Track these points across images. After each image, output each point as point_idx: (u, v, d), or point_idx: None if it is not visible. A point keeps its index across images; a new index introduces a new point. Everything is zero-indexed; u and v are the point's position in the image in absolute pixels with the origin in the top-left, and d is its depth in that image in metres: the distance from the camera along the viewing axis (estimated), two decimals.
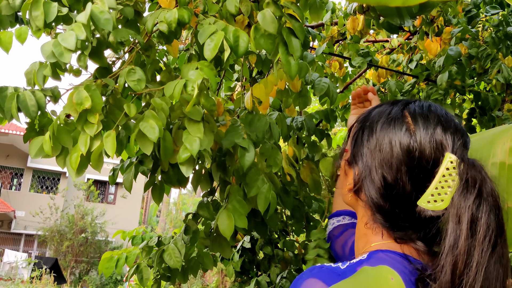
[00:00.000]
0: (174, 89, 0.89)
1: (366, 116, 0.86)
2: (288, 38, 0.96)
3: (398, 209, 0.77)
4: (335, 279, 0.69)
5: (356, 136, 0.84)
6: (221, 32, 0.94)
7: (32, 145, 0.93)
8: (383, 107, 0.85)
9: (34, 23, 0.93)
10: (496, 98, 2.55)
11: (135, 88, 0.96)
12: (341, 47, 2.37)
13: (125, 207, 21.77)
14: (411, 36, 2.83)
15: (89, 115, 0.89)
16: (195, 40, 1.20)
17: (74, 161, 0.88)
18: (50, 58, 0.90)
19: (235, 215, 1.11)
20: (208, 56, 0.94)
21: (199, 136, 0.94)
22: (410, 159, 0.76)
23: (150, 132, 0.88)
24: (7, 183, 20.94)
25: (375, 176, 0.78)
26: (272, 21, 0.92)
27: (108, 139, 0.88)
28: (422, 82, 2.74)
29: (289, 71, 0.96)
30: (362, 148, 0.81)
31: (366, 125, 0.83)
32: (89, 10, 0.86)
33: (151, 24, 1.05)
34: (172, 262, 1.33)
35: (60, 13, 0.95)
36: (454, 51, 2.03)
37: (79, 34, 0.88)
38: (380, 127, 0.80)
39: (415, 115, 0.79)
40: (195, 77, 0.89)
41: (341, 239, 1.19)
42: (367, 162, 0.80)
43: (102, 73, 1.14)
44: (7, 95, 0.97)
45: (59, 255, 17.79)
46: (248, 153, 1.10)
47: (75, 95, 0.86)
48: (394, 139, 0.77)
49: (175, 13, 0.95)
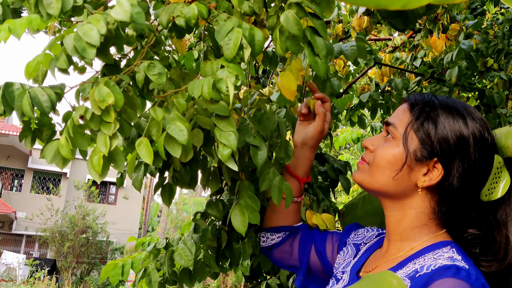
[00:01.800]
0: (202, 89, 0.88)
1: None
2: (312, 38, 0.95)
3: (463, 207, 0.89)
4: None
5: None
6: (239, 30, 0.93)
7: (47, 151, 0.91)
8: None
9: (46, 10, 0.89)
10: (501, 95, 2.56)
11: (157, 82, 0.93)
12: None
13: (126, 207, 21.77)
14: (414, 34, 2.82)
15: (104, 114, 0.88)
16: (209, 36, 1.19)
17: (97, 163, 0.86)
18: (73, 53, 0.86)
19: (248, 211, 1.10)
20: (228, 55, 0.93)
21: (232, 130, 0.93)
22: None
23: (179, 134, 0.86)
24: (8, 184, 20.93)
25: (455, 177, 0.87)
26: (296, 23, 0.91)
27: (141, 146, 0.86)
28: (425, 80, 2.74)
29: (318, 70, 0.95)
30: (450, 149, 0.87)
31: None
32: (128, 6, 0.85)
33: (166, 19, 1.02)
34: (183, 261, 1.32)
35: (75, 3, 0.92)
36: (467, 45, 2.02)
37: (100, 28, 0.85)
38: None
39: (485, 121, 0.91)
40: (226, 76, 0.88)
41: (283, 249, 1.23)
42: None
43: (110, 70, 1.13)
44: (14, 91, 0.95)
45: (60, 256, 17.77)
46: (260, 151, 1.09)
47: (97, 92, 0.85)
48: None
49: (194, 8, 0.94)
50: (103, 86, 0.84)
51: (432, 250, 0.86)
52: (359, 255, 1.06)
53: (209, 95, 0.88)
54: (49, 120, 1.08)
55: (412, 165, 0.89)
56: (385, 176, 0.91)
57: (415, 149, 0.89)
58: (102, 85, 0.84)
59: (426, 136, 0.88)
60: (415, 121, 0.89)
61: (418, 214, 0.91)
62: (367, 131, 4.57)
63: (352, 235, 1.14)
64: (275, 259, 1.27)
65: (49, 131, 1.11)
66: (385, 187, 0.92)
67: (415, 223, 0.91)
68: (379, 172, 0.92)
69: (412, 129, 0.89)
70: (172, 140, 0.87)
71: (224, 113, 0.94)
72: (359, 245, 1.10)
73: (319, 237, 1.21)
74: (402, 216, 0.92)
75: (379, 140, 0.96)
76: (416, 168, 0.89)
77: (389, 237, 0.96)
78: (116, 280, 1.84)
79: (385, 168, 0.91)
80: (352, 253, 1.09)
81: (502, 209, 0.88)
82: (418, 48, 2.78)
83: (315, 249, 1.19)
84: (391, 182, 0.91)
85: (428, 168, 0.88)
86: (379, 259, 0.97)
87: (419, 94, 0.95)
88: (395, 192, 0.91)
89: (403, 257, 0.90)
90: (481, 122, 0.89)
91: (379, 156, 0.92)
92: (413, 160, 0.89)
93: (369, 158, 0.96)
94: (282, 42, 0.93)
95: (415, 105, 0.92)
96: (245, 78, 0.90)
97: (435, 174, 0.88)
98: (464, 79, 2.34)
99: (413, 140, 0.89)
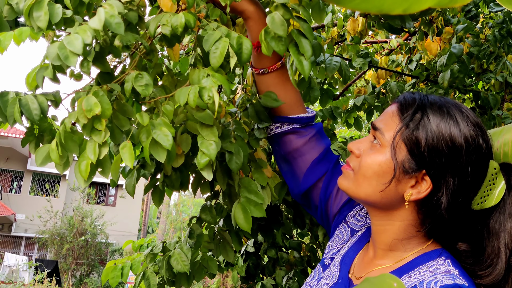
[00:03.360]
0: (188, 97, 0.89)
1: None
2: (298, 39, 0.97)
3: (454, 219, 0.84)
4: None
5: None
6: (226, 39, 0.94)
7: (38, 154, 0.93)
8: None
9: (36, 24, 0.91)
10: (496, 97, 2.56)
11: (143, 94, 0.95)
12: (340, 49, 2.38)
13: (126, 209, 21.77)
14: (410, 37, 2.83)
15: (96, 122, 0.89)
16: (199, 45, 1.20)
17: (84, 169, 0.87)
18: (55, 61, 0.88)
19: (250, 206, 1.10)
20: (214, 64, 0.94)
21: (214, 139, 0.94)
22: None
23: (164, 140, 0.88)
24: (7, 186, 20.93)
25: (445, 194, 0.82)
26: (282, 23, 0.92)
27: (124, 150, 0.88)
28: (421, 82, 2.74)
29: (303, 70, 0.97)
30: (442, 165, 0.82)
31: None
32: (103, 15, 0.86)
33: (153, 28, 1.05)
34: (179, 266, 1.33)
35: (65, 15, 0.94)
36: (457, 49, 2.03)
37: (85, 38, 0.87)
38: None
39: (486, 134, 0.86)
40: (209, 85, 0.89)
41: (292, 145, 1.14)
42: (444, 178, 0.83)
43: (104, 78, 1.14)
44: (9, 99, 0.97)
45: (60, 258, 17.77)
46: (235, 156, 1.08)
47: (84, 102, 0.86)
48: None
49: (182, 17, 0.95)
50: (91, 96, 0.85)
51: (426, 262, 0.83)
52: (350, 244, 1.01)
53: (194, 103, 0.88)
54: (49, 125, 1.09)
55: (399, 176, 0.84)
56: (371, 187, 0.86)
57: (403, 159, 0.83)
58: (91, 95, 0.85)
59: (415, 146, 0.82)
60: (405, 129, 0.83)
61: (406, 227, 0.86)
62: (364, 133, 4.57)
63: (354, 213, 1.07)
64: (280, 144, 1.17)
65: (49, 136, 1.12)
66: (371, 197, 0.87)
67: (403, 235, 0.87)
68: (365, 183, 0.87)
69: (400, 138, 0.83)
70: (157, 145, 0.89)
71: (208, 122, 0.95)
72: (356, 231, 1.04)
73: (337, 171, 1.10)
74: (389, 227, 0.88)
75: (365, 144, 0.90)
76: (404, 180, 0.84)
77: (376, 244, 0.92)
78: (115, 282, 1.85)
79: (371, 179, 0.86)
80: (346, 239, 1.04)
81: (494, 217, 0.83)
82: (415, 50, 2.78)
83: (325, 178, 1.11)
84: (377, 193, 0.85)
85: (417, 180, 0.83)
86: (368, 264, 0.93)
87: (410, 94, 0.88)
88: (381, 203, 0.87)
89: (394, 267, 0.87)
90: (475, 127, 0.83)
91: (365, 166, 0.87)
92: (400, 172, 0.83)
93: (355, 164, 0.90)
94: (268, 42, 0.94)
95: (405, 109, 0.85)
96: (228, 88, 0.91)
97: (423, 187, 0.83)
98: (458, 81, 2.34)
99: (401, 150, 0.84)
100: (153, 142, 0.91)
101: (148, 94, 0.92)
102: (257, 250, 2.11)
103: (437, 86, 2.49)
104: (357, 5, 0.49)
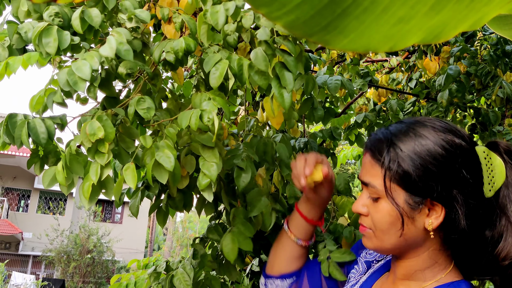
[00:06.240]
0: (190, 120, 0.93)
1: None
2: (281, 72, 1.00)
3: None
4: None
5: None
6: (226, 61, 0.98)
7: (45, 176, 0.97)
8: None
9: (45, 49, 0.96)
10: (496, 114, 2.58)
11: (145, 117, 0.99)
12: (341, 69, 2.43)
13: (132, 226, 21.75)
14: (409, 55, 2.88)
15: (99, 145, 0.93)
16: (201, 68, 1.25)
17: (86, 190, 0.91)
18: (65, 86, 0.93)
19: (239, 238, 1.14)
20: (214, 84, 0.98)
21: (215, 161, 0.97)
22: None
23: (166, 162, 0.91)
24: (14, 204, 21.00)
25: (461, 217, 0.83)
26: (264, 59, 0.97)
27: (127, 171, 0.92)
28: (422, 100, 2.78)
29: (283, 103, 1.00)
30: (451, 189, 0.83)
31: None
32: (114, 43, 0.90)
33: (158, 55, 1.09)
34: (182, 286, 1.35)
35: (72, 41, 0.99)
36: (454, 70, 2.07)
37: (93, 64, 0.92)
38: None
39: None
40: (209, 108, 0.93)
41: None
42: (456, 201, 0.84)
43: (110, 102, 1.18)
44: (17, 121, 1.01)
45: (67, 276, 17.72)
46: (244, 174, 1.11)
47: (88, 126, 0.90)
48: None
49: (182, 42, 1.00)
50: (95, 120, 0.89)
51: None
52: (369, 273, 1.04)
53: (196, 125, 0.92)
54: (54, 147, 1.13)
55: (410, 214, 0.85)
56: (394, 236, 0.87)
57: (404, 199, 0.84)
58: (95, 119, 0.89)
59: (406, 181, 0.83)
60: (388, 171, 0.84)
61: (430, 254, 0.88)
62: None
63: (363, 253, 1.10)
64: None
65: (54, 158, 1.16)
66: (398, 245, 0.88)
67: (427, 264, 0.88)
68: (386, 236, 0.88)
69: (390, 182, 0.85)
70: (160, 167, 0.93)
71: (209, 144, 0.98)
72: (371, 262, 1.07)
73: (311, 265, 1.18)
74: (415, 262, 0.89)
75: (366, 200, 0.91)
76: (416, 215, 0.85)
77: (396, 275, 0.94)
78: None
79: (389, 230, 0.87)
80: (363, 270, 1.07)
81: (502, 193, 0.85)
82: (415, 68, 2.82)
83: (325, 280, 1.16)
84: (401, 239, 0.87)
85: (428, 208, 0.84)
86: None
87: (374, 135, 0.90)
88: (408, 245, 0.88)
89: None
90: (445, 132, 0.85)
91: (378, 221, 0.88)
92: (409, 211, 0.84)
93: (368, 223, 0.91)
94: (251, 76, 0.99)
95: (378, 153, 0.87)
96: (228, 111, 0.95)
97: (438, 211, 0.84)
98: (458, 100, 2.38)
99: (397, 192, 0.85)
100: (156, 164, 0.94)
101: (150, 117, 0.95)
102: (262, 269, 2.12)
103: (437, 104, 2.53)
104: (345, 45, 0.53)
